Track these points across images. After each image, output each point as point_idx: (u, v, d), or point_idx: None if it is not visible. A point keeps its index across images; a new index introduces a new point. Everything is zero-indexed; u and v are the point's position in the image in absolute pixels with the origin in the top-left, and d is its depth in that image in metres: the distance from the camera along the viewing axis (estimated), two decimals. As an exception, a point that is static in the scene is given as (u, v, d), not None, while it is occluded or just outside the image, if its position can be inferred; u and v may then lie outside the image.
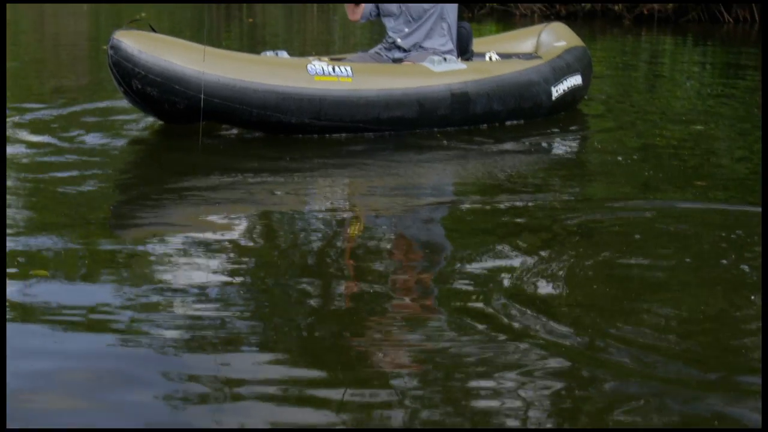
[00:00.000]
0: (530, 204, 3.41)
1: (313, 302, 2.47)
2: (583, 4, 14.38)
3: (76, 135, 4.54)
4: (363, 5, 4.91)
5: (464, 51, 5.09)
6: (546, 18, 14.84)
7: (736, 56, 9.54)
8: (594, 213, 3.30)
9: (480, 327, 2.24)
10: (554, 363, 2.06)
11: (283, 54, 4.76)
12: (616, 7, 14.06)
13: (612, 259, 2.81)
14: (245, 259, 2.81)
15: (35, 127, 4.70)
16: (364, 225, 3.25)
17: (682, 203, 3.46)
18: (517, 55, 5.46)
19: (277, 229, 3.17)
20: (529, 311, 2.33)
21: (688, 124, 5.10)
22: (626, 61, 8.95)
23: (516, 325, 2.25)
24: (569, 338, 2.17)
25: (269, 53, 4.74)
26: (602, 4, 14.18)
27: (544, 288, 2.54)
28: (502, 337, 2.18)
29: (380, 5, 4.96)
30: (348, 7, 4.94)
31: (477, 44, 5.46)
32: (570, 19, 13.87)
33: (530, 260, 2.74)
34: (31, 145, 4.25)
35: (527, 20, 14.64)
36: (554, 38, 5.59)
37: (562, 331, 2.21)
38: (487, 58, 5.33)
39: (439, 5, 4.83)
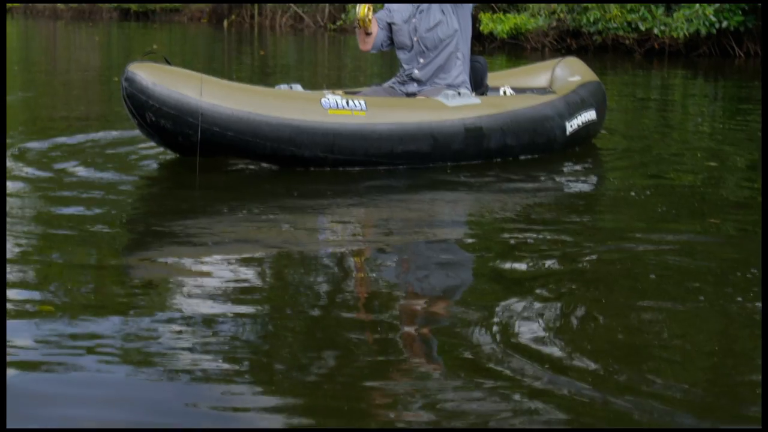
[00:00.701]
0: (542, 242, 3.39)
1: (318, 341, 2.45)
2: (594, 38, 14.43)
3: (83, 168, 4.53)
4: (374, 34, 4.93)
5: (479, 85, 5.10)
6: (556, 51, 14.90)
7: (747, 90, 9.54)
8: (607, 251, 3.28)
9: (483, 372, 2.20)
10: (559, 414, 2.01)
11: (298, 87, 4.77)
12: (627, 41, 14.11)
13: (624, 299, 2.79)
14: (251, 296, 2.78)
15: (40, 159, 4.71)
16: (373, 263, 3.22)
17: (696, 239, 3.44)
18: (531, 90, 5.46)
19: (284, 267, 3.15)
20: (533, 356, 2.29)
21: (700, 160, 5.09)
22: (637, 94, 8.96)
23: (518, 369, 2.21)
24: (577, 387, 2.13)
25: (284, 86, 4.75)
26: (612, 37, 14.21)
27: (553, 332, 2.50)
28: (503, 384, 2.14)
29: (393, 36, 4.97)
30: (359, 36, 4.95)
31: (492, 78, 5.47)
32: (580, 53, 13.91)
33: (539, 302, 2.72)
34: (34, 179, 4.24)
35: (538, 54, 14.70)
36: (569, 73, 5.60)
37: (566, 381, 2.16)
38: (502, 93, 5.33)
39: (454, 36, 4.84)
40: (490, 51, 15.02)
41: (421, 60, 4.92)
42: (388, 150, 4.47)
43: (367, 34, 4.87)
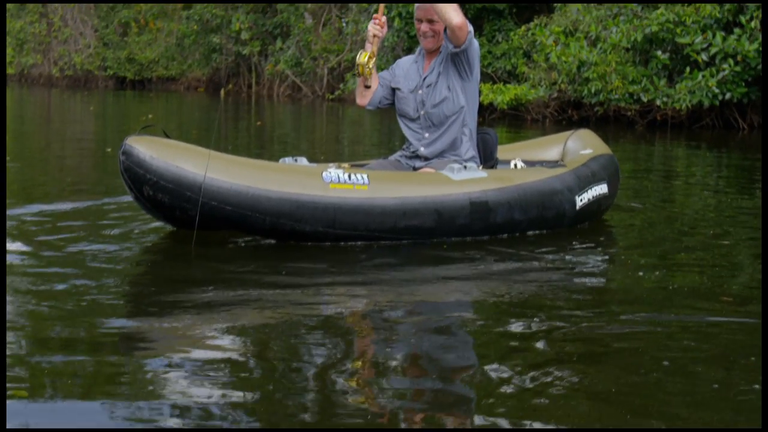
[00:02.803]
0: (548, 322, 3.32)
1: (313, 422, 2.40)
2: (595, 109, 14.53)
3: (75, 240, 4.48)
4: (373, 89, 4.92)
5: (489, 158, 5.07)
6: (557, 123, 14.99)
7: (751, 162, 9.55)
8: (615, 332, 3.22)
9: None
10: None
11: (303, 160, 4.74)
12: (629, 113, 14.20)
13: (632, 380, 2.72)
14: (243, 377, 2.73)
15: (31, 229, 4.67)
16: (371, 342, 3.14)
17: (708, 319, 3.37)
18: (541, 163, 5.43)
19: (280, 346, 3.06)
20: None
21: (710, 237, 5.03)
22: (641, 167, 8.96)
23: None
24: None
25: (288, 160, 4.73)
26: (614, 109, 14.31)
27: (559, 414, 2.45)
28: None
29: (396, 102, 4.98)
30: (358, 87, 4.95)
31: (502, 151, 5.45)
32: (582, 124, 13.99)
33: (543, 383, 2.67)
34: (23, 251, 4.19)
35: (538, 125, 14.79)
36: (581, 145, 5.57)
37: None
38: (513, 165, 5.30)
39: (461, 113, 4.83)
40: (490, 122, 15.11)
41: (427, 135, 4.91)
42: (390, 225, 4.42)
43: (366, 86, 4.87)
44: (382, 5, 4.83)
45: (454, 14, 4.56)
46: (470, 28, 4.69)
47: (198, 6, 28.30)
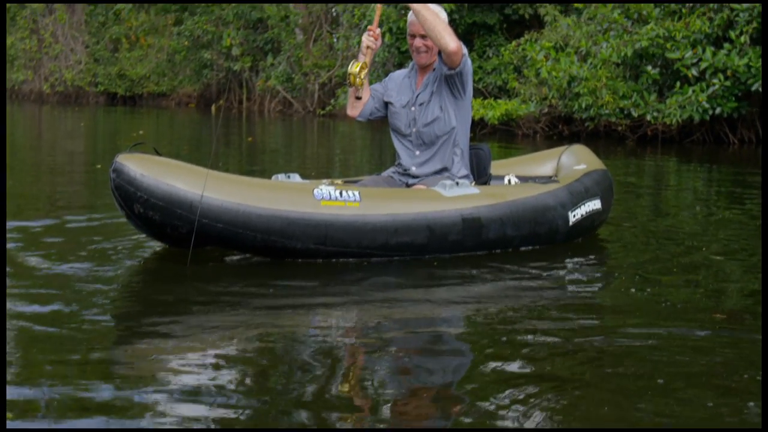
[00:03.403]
0: (540, 339, 3.31)
1: None
2: (586, 124, 14.56)
3: (63, 258, 4.46)
4: (365, 100, 4.92)
5: (482, 174, 5.07)
6: (548, 138, 15.03)
7: (742, 177, 9.57)
8: (608, 348, 3.21)
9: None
10: None
11: (296, 177, 4.73)
12: (620, 128, 14.24)
13: (625, 397, 2.71)
14: (235, 395, 2.70)
15: (20, 247, 4.63)
16: (363, 361, 3.12)
17: (701, 334, 3.37)
18: (534, 179, 5.43)
19: (272, 366, 3.04)
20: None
21: (703, 252, 5.03)
22: (633, 181, 8.97)
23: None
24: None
25: (281, 176, 4.72)
26: (604, 124, 14.35)
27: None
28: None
29: (389, 117, 4.98)
30: (349, 98, 4.94)
31: (497, 167, 5.45)
32: (572, 139, 14.02)
33: (536, 400, 2.66)
34: (16, 271, 4.16)
35: (529, 140, 14.81)
36: (574, 161, 5.57)
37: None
38: (507, 181, 5.30)
39: (452, 134, 4.83)
40: (481, 137, 15.12)
41: (418, 153, 4.91)
42: (382, 242, 4.40)
43: (357, 98, 4.87)
44: (379, 8, 4.81)
45: (449, 39, 4.55)
46: (465, 50, 4.70)
47: (189, 22, 28.32)
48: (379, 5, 4.83)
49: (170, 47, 30.74)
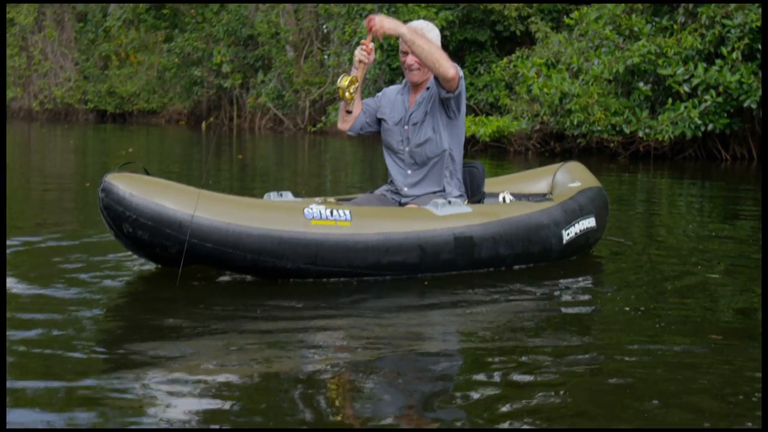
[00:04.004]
0: (533, 358, 3.29)
1: None
2: (578, 141, 14.58)
3: (53, 278, 4.43)
4: (356, 115, 4.90)
5: (476, 192, 5.05)
6: (540, 155, 15.05)
7: (735, 193, 9.59)
8: (601, 369, 3.19)
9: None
10: None
11: (288, 195, 4.72)
12: (612, 144, 14.27)
13: (618, 417, 2.69)
14: (224, 421, 2.68)
15: (7, 267, 4.60)
16: (355, 382, 3.09)
17: (694, 356, 3.35)
18: (527, 197, 5.41)
19: (263, 388, 3.01)
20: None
21: (697, 270, 5.01)
22: (625, 199, 8.97)
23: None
24: None
25: (273, 194, 4.70)
26: (596, 140, 14.38)
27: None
28: None
29: (382, 133, 4.97)
30: (340, 112, 4.93)
31: (491, 184, 5.44)
32: (564, 156, 14.06)
33: (529, 419, 2.64)
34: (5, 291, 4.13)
35: (521, 157, 14.83)
36: (569, 178, 5.55)
37: None
38: (501, 199, 5.28)
39: (443, 156, 4.82)
40: (473, 154, 15.14)
41: (410, 172, 4.91)
42: (373, 261, 4.38)
43: (348, 111, 4.85)
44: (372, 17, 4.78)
45: (447, 66, 4.54)
46: (461, 73, 4.69)
47: (179, 39, 28.35)
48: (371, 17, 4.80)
49: (160, 64, 30.79)
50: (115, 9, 31.44)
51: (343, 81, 4.69)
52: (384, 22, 4.56)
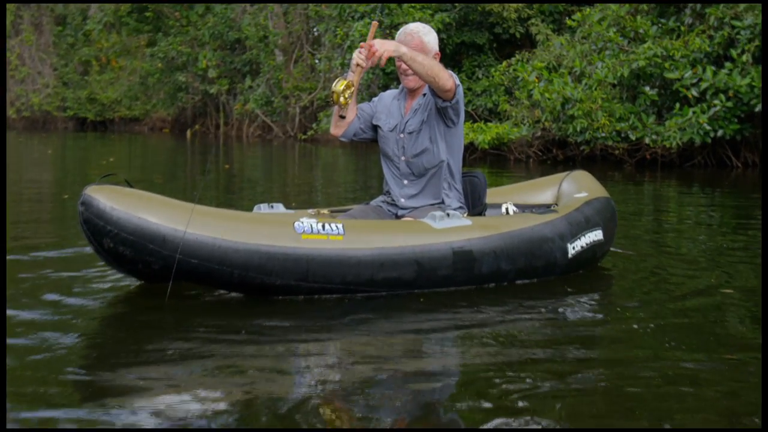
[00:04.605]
0: (536, 377, 3.27)
1: None
2: (581, 148, 14.58)
3: (31, 294, 4.41)
4: (349, 121, 4.89)
5: (477, 203, 5.03)
6: (542, 163, 15.05)
7: (746, 202, 9.58)
8: (607, 387, 3.17)
9: None
10: None
11: (279, 207, 4.69)
12: (617, 151, 14.26)
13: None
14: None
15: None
16: (348, 403, 3.07)
17: (706, 367, 3.35)
18: (531, 208, 5.39)
19: (247, 414, 2.99)
20: None
21: (707, 284, 4.99)
22: (631, 209, 8.96)
23: None
24: None
25: (263, 206, 4.68)
26: (601, 147, 14.38)
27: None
28: None
29: (378, 141, 4.96)
30: (333, 116, 4.92)
31: (494, 194, 5.41)
32: (567, 164, 14.05)
33: None
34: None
35: (522, 165, 14.83)
36: (575, 188, 5.53)
37: None
38: (504, 210, 5.26)
39: (440, 167, 4.81)
40: (471, 162, 15.13)
41: (406, 182, 4.90)
42: (367, 277, 4.35)
43: (342, 116, 4.84)
44: (374, 25, 4.77)
45: (445, 78, 4.55)
46: (457, 80, 4.69)
47: (163, 43, 28.35)
48: (375, 22, 4.79)
49: (143, 69, 30.78)
50: (96, 12, 31.45)
51: (339, 85, 4.67)
52: (386, 45, 4.55)
